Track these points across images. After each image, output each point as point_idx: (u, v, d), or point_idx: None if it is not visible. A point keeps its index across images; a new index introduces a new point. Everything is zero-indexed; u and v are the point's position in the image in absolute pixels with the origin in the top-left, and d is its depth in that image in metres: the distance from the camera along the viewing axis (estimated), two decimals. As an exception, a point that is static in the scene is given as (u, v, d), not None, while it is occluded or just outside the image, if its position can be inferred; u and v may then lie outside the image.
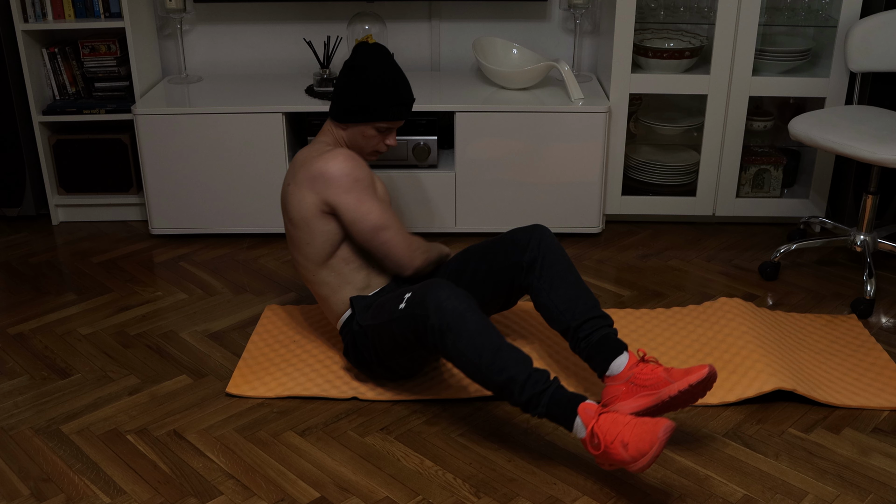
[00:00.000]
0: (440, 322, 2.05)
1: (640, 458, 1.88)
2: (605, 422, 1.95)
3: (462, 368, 2.07)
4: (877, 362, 2.51)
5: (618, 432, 1.92)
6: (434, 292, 2.08)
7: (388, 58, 2.36)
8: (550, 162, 3.21)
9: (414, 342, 2.16)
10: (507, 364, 2.02)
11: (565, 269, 2.30)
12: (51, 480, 2.09)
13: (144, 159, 3.23)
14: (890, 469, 2.11)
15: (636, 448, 1.89)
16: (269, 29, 3.58)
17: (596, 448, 1.94)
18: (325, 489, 2.06)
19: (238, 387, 2.42)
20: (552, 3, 3.54)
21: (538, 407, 2.01)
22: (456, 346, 2.05)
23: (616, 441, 1.91)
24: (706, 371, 2.05)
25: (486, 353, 2.03)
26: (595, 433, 1.94)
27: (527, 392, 2.01)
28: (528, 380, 2.01)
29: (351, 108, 2.36)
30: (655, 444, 1.87)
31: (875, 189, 2.92)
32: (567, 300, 2.26)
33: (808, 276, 3.05)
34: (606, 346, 2.21)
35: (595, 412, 1.97)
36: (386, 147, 2.43)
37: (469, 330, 2.04)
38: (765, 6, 3.30)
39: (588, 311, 2.24)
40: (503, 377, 2.02)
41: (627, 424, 1.92)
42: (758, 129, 3.44)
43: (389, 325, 2.18)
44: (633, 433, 1.90)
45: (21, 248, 3.31)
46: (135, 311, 2.86)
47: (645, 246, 3.28)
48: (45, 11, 3.29)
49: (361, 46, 2.36)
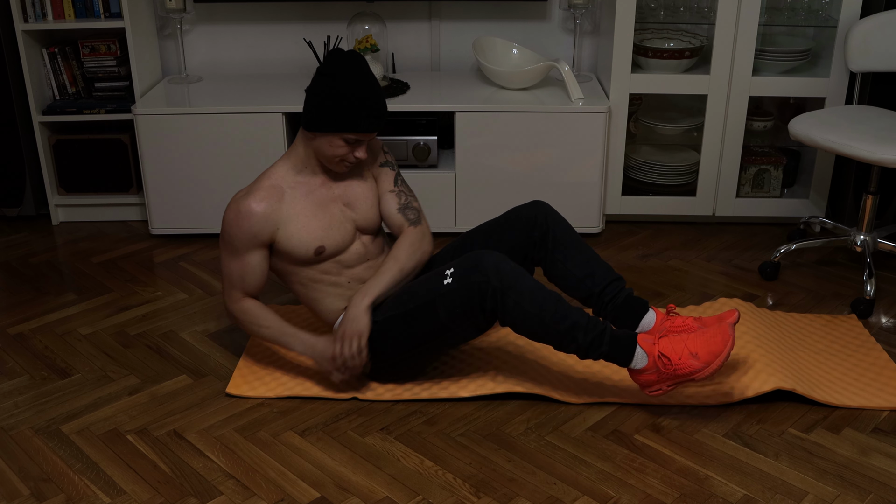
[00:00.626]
0: (501, 283, 2.14)
1: (714, 359, 2.09)
2: (667, 342, 2.14)
3: (524, 324, 2.16)
4: (877, 362, 2.51)
5: (683, 346, 2.11)
6: (487, 258, 2.17)
7: (362, 66, 2.26)
8: (550, 162, 3.21)
9: (461, 316, 2.20)
10: (569, 311, 2.15)
11: (575, 239, 2.40)
12: (51, 480, 2.09)
13: (144, 159, 3.23)
14: (890, 469, 2.11)
15: (707, 351, 2.09)
16: (269, 29, 3.58)
17: (666, 367, 2.11)
18: (325, 489, 2.06)
19: (238, 387, 2.42)
20: (552, 3, 3.54)
21: (601, 346, 2.15)
22: (519, 305, 2.14)
23: (684, 355, 2.10)
24: (736, 314, 2.23)
25: (549, 305, 2.14)
26: (662, 354, 2.12)
27: (590, 334, 2.14)
28: (589, 322, 2.15)
29: (319, 117, 2.25)
30: (728, 341, 2.08)
31: (875, 189, 2.92)
32: (585, 267, 2.36)
33: (808, 276, 3.05)
34: (634, 304, 2.34)
35: (655, 338, 2.15)
36: (354, 159, 2.31)
37: (529, 286, 2.15)
38: (765, 6, 3.30)
39: (607, 275, 2.36)
40: (567, 323, 2.14)
41: (690, 337, 2.13)
42: (758, 129, 3.44)
43: (431, 306, 2.22)
44: (699, 341, 2.11)
45: (21, 248, 3.31)
46: (135, 311, 2.86)
47: (645, 246, 3.28)
48: (45, 11, 3.29)
49: (335, 53, 2.27)
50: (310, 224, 2.31)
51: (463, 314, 2.20)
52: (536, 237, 2.38)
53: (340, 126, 2.25)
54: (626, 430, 2.24)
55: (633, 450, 2.17)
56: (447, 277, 2.20)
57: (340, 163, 2.32)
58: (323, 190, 2.35)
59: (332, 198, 2.36)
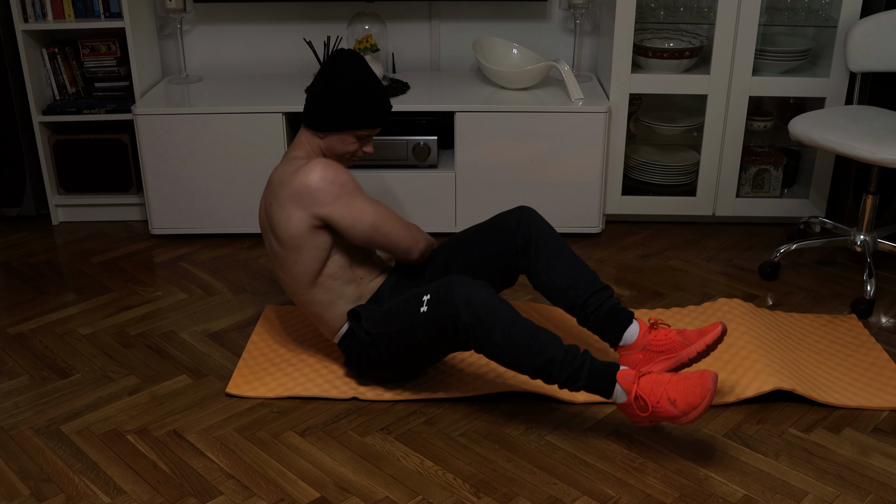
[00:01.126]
0: (472, 318, 2.08)
1: (691, 410, 2.00)
2: (647, 383, 2.05)
3: (497, 359, 2.11)
4: (877, 362, 2.51)
5: (662, 391, 2.03)
6: (459, 289, 2.11)
7: (366, 65, 2.32)
8: (550, 162, 3.21)
9: (439, 343, 2.17)
10: (544, 347, 2.08)
11: (559, 247, 2.33)
12: (51, 480, 2.09)
13: (144, 159, 3.23)
14: (890, 469, 2.11)
15: (685, 402, 2.00)
16: (269, 29, 3.58)
17: (642, 410, 2.05)
18: (325, 489, 2.06)
19: (238, 387, 2.42)
20: (552, 3, 3.54)
21: (578, 381, 2.08)
22: (491, 339, 2.09)
23: (662, 399, 2.02)
24: (720, 329, 2.18)
25: (522, 341, 2.08)
26: (639, 396, 2.04)
27: (566, 370, 2.07)
28: (566, 357, 2.07)
29: (332, 117, 2.30)
30: (707, 395, 1.98)
31: (875, 189, 2.92)
32: (567, 277, 2.30)
33: (808, 276, 3.05)
34: (616, 317, 2.28)
35: (634, 376, 2.06)
36: (363, 153, 2.40)
37: (502, 321, 2.08)
38: (765, 6, 3.30)
39: (590, 285, 2.30)
40: (541, 360, 2.07)
41: (670, 382, 2.03)
42: (758, 129, 3.44)
43: (410, 330, 2.18)
44: (679, 388, 2.02)
45: (21, 248, 3.31)
46: (135, 311, 2.86)
47: (645, 246, 3.28)
48: (45, 11, 3.29)
49: (339, 54, 2.31)
50: None
51: (440, 340, 2.17)
52: (519, 245, 2.35)
53: (356, 124, 2.30)
54: (626, 430, 2.24)
55: (633, 450, 2.17)
56: (423, 304, 2.16)
57: (350, 158, 2.39)
58: None
59: None
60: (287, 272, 2.35)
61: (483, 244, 2.40)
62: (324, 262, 2.32)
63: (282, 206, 2.27)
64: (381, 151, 3.24)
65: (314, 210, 2.25)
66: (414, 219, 3.29)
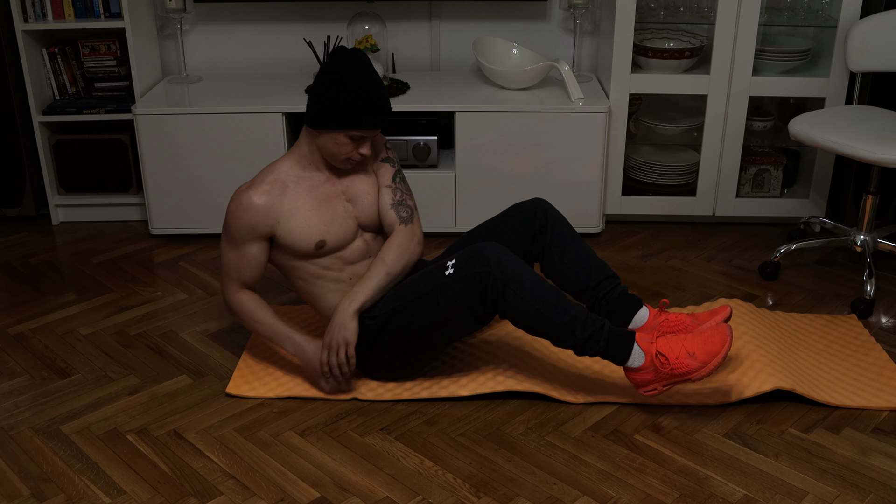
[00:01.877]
0: (503, 275, 2.16)
1: (711, 359, 2.10)
2: (664, 342, 2.16)
3: (523, 316, 2.18)
4: (877, 362, 2.51)
5: (680, 346, 2.13)
6: (491, 249, 2.19)
7: (366, 64, 2.28)
8: (550, 162, 3.21)
9: (461, 307, 2.21)
10: (569, 306, 2.17)
11: (573, 235, 2.43)
12: (51, 480, 2.09)
13: (144, 159, 3.23)
14: (890, 469, 2.11)
15: (705, 351, 2.11)
16: (269, 29, 3.58)
17: (662, 366, 2.12)
18: (325, 489, 2.06)
19: (238, 387, 2.42)
20: (552, 3, 3.54)
21: (599, 342, 2.16)
22: (519, 296, 2.16)
23: (681, 354, 2.11)
24: (728, 310, 2.31)
25: (549, 298, 2.16)
26: (660, 353, 2.13)
27: (588, 329, 2.16)
28: (588, 318, 2.17)
29: (324, 115, 2.27)
30: (726, 342, 2.10)
31: (875, 189, 2.92)
32: (581, 262, 2.39)
33: (808, 276, 3.05)
34: (626, 301, 2.36)
35: (652, 337, 2.17)
36: (359, 156, 2.33)
37: (530, 279, 2.17)
38: (765, 6, 3.30)
39: (602, 271, 2.39)
40: (566, 317, 2.15)
41: (687, 338, 2.14)
42: (758, 129, 3.44)
43: (432, 296, 2.23)
44: (697, 342, 2.13)
45: (21, 248, 3.32)
46: (135, 311, 2.86)
47: (645, 246, 3.28)
48: (45, 11, 3.29)
49: (339, 51, 2.28)
50: (311, 219, 2.32)
51: (463, 305, 2.20)
52: (536, 231, 2.42)
53: (345, 123, 2.27)
54: (626, 430, 2.24)
55: (633, 450, 2.17)
56: (448, 268, 2.22)
57: (345, 160, 2.34)
58: (326, 185, 2.36)
59: (335, 193, 2.37)
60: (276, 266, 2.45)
61: (501, 230, 2.46)
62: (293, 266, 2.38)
63: None
64: (381, 151, 3.24)
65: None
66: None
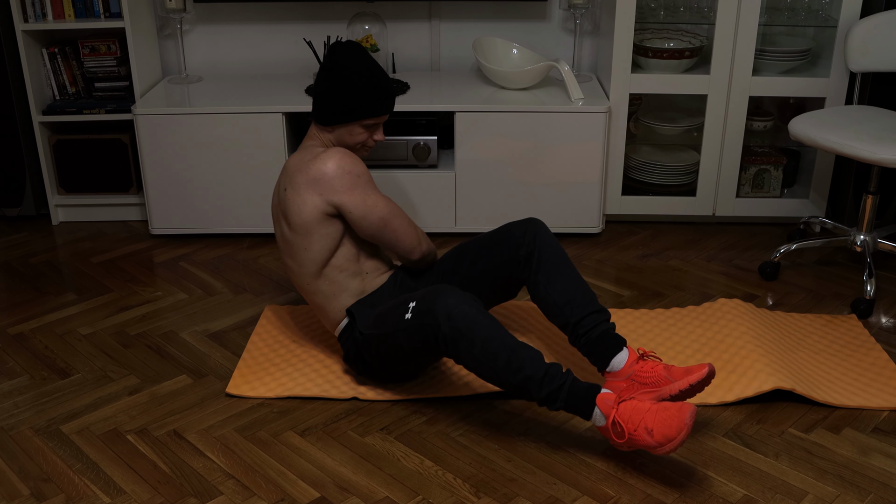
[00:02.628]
0: (452, 330, 2.06)
1: (667, 442, 1.96)
2: (626, 410, 2.02)
3: (476, 372, 2.09)
4: (877, 362, 2.51)
5: (640, 419, 1.99)
6: (442, 300, 2.08)
7: (366, 54, 2.32)
8: (550, 162, 3.21)
9: (422, 350, 2.17)
10: (523, 364, 2.05)
11: (562, 263, 2.32)
12: (51, 480, 2.09)
13: (144, 159, 3.23)
14: (890, 469, 2.11)
15: (661, 434, 1.96)
16: (269, 29, 3.58)
17: (619, 436, 2.02)
18: (325, 489, 2.06)
19: (238, 387, 2.42)
20: (552, 3, 3.54)
21: (556, 402, 2.05)
22: (470, 353, 2.07)
23: (640, 428, 1.99)
24: (706, 370, 2.13)
25: (501, 356, 2.05)
26: (617, 422, 2.01)
27: (545, 389, 2.04)
28: (545, 376, 2.04)
29: (336, 110, 2.31)
30: (683, 430, 1.95)
31: (875, 189, 2.92)
32: (565, 294, 2.28)
33: (808, 276, 3.05)
34: (606, 341, 2.25)
35: (614, 401, 2.03)
36: (374, 142, 2.40)
37: (482, 336, 2.06)
38: (765, 6, 3.30)
39: (587, 306, 2.27)
40: (520, 377, 2.05)
41: (649, 411, 1.99)
42: (758, 129, 3.44)
43: (395, 336, 2.18)
44: (657, 419, 1.98)
45: (21, 248, 3.31)
46: (135, 311, 2.86)
47: (645, 246, 3.28)
48: (45, 11, 3.29)
49: (337, 46, 2.31)
50: None
51: (422, 348, 2.17)
52: (521, 257, 2.34)
53: (361, 114, 2.31)
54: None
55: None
56: (409, 311, 2.16)
57: (362, 149, 2.40)
58: None
59: None
60: (295, 259, 2.36)
61: (489, 252, 2.40)
62: (332, 252, 2.33)
63: (297, 191, 2.29)
64: (382, 151, 3.24)
65: (329, 197, 2.27)
66: (414, 219, 3.29)
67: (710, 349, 2.53)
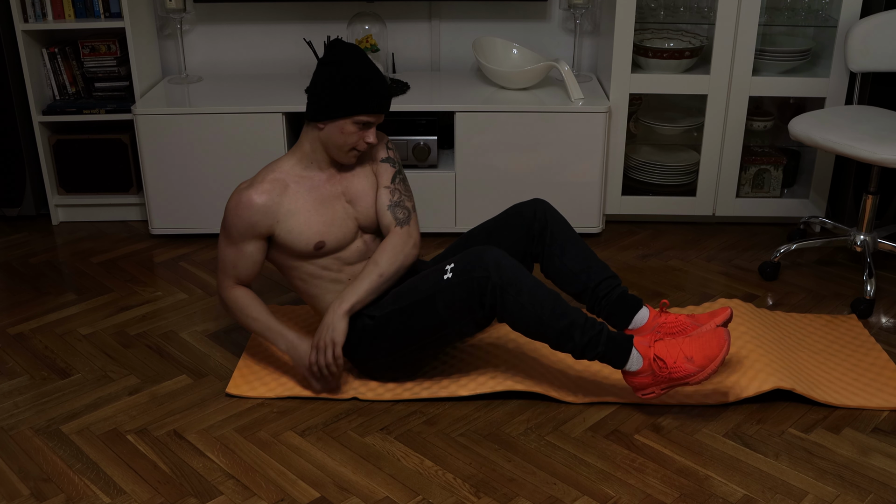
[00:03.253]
0: (501, 279, 2.15)
1: (709, 363, 2.10)
2: (662, 346, 2.15)
3: (522, 321, 2.17)
4: (877, 362, 2.51)
5: (678, 350, 2.13)
6: (490, 254, 2.18)
7: (363, 54, 2.31)
8: (550, 162, 3.21)
9: (461, 310, 2.20)
10: (567, 310, 2.16)
11: (573, 236, 2.44)
12: (51, 480, 2.09)
13: (144, 159, 3.23)
14: (890, 469, 2.11)
15: (703, 355, 2.11)
16: (269, 29, 3.59)
17: (660, 370, 2.12)
18: (325, 489, 2.06)
19: (238, 387, 2.42)
20: (552, 3, 3.54)
21: (598, 346, 2.16)
22: (517, 301, 2.15)
23: (679, 358, 2.11)
24: (728, 312, 2.32)
25: (548, 303, 2.16)
26: (657, 357, 2.13)
27: (587, 333, 2.16)
28: (586, 322, 2.16)
29: (329, 104, 2.28)
30: (724, 346, 2.10)
31: (875, 189, 2.92)
32: (581, 262, 2.40)
33: (808, 276, 3.05)
34: (626, 302, 2.37)
35: (650, 341, 2.16)
36: (365, 145, 2.33)
37: (528, 284, 2.16)
38: (765, 6, 3.30)
39: (603, 272, 2.40)
40: (565, 322, 2.15)
41: (685, 342, 2.14)
42: (758, 129, 3.44)
43: (430, 301, 2.22)
44: (695, 346, 2.12)
45: (21, 248, 3.32)
46: (135, 311, 2.86)
47: (645, 246, 3.28)
48: (45, 11, 3.29)
49: (335, 44, 2.31)
50: (311, 219, 2.32)
51: (462, 309, 2.20)
52: (535, 232, 2.42)
53: (350, 109, 2.27)
54: (626, 430, 2.24)
55: (633, 450, 2.17)
56: (447, 272, 2.21)
57: (351, 151, 2.33)
58: (327, 186, 2.36)
59: (335, 194, 2.36)
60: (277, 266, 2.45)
61: (501, 232, 2.46)
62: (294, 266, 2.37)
63: None
64: (381, 151, 3.24)
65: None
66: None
67: (710, 349, 2.53)
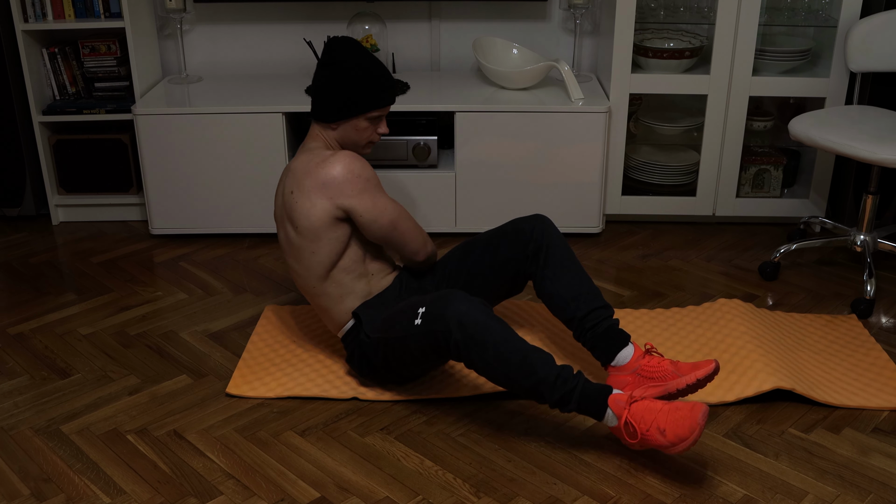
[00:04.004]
0: (464, 336, 2.06)
1: (680, 442, 1.96)
2: (638, 410, 2.02)
3: (488, 377, 2.09)
4: (877, 362, 2.51)
5: (653, 419, 2.00)
6: (453, 306, 2.08)
7: (361, 47, 2.32)
8: (550, 162, 3.21)
9: (432, 355, 2.17)
10: (535, 367, 2.05)
11: (568, 259, 2.34)
12: (51, 480, 2.09)
13: (144, 159, 3.23)
14: (890, 469, 2.11)
15: (674, 433, 1.97)
16: (269, 29, 3.58)
17: (632, 437, 2.03)
18: (325, 489, 2.06)
19: (238, 387, 2.42)
20: (552, 3, 3.54)
21: (569, 404, 2.06)
22: (482, 358, 2.07)
23: (652, 428, 1.99)
24: (713, 366, 2.16)
25: (514, 361, 2.05)
26: (629, 422, 2.02)
27: (557, 392, 2.05)
28: (557, 379, 2.05)
29: (340, 105, 2.30)
30: (696, 429, 1.95)
31: (875, 189, 2.92)
32: (571, 290, 2.31)
33: (808, 276, 3.05)
34: (612, 337, 2.28)
35: (626, 402, 2.04)
36: (378, 136, 2.39)
37: (494, 340, 2.06)
38: (765, 6, 3.30)
39: (592, 302, 2.30)
40: (532, 381, 2.05)
41: (661, 411, 2.00)
42: (758, 129, 3.44)
43: (405, 340, 2.18)
44: (670, 419, 1.98)
45: (21, 248, 3.32)
46: (135, 311, 2.86)
47: (645, 246, 3.28)
48: (45, 11, 3.29)
49: (333, 42, 2.31)
50: None
51: (433, 353, 2.17)
52: (530, 252, 2.36)
53: (365, 107, 2.30)
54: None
55: (633, 449, 2.17)
56: (418, 317, 2.15)
57: (367, 144, 2.39)
58: None
59: None
60: (302, 263, 2.34)
61: (496, 248, 2.41)
62: (339, 255, 2.32)
63: (306, 195, 2.27)
64: (381, 151, 3.24)
65: (339, 201, 2.26)
66: (414, 219, 3.29)
67: (709, 349, 2.53)
